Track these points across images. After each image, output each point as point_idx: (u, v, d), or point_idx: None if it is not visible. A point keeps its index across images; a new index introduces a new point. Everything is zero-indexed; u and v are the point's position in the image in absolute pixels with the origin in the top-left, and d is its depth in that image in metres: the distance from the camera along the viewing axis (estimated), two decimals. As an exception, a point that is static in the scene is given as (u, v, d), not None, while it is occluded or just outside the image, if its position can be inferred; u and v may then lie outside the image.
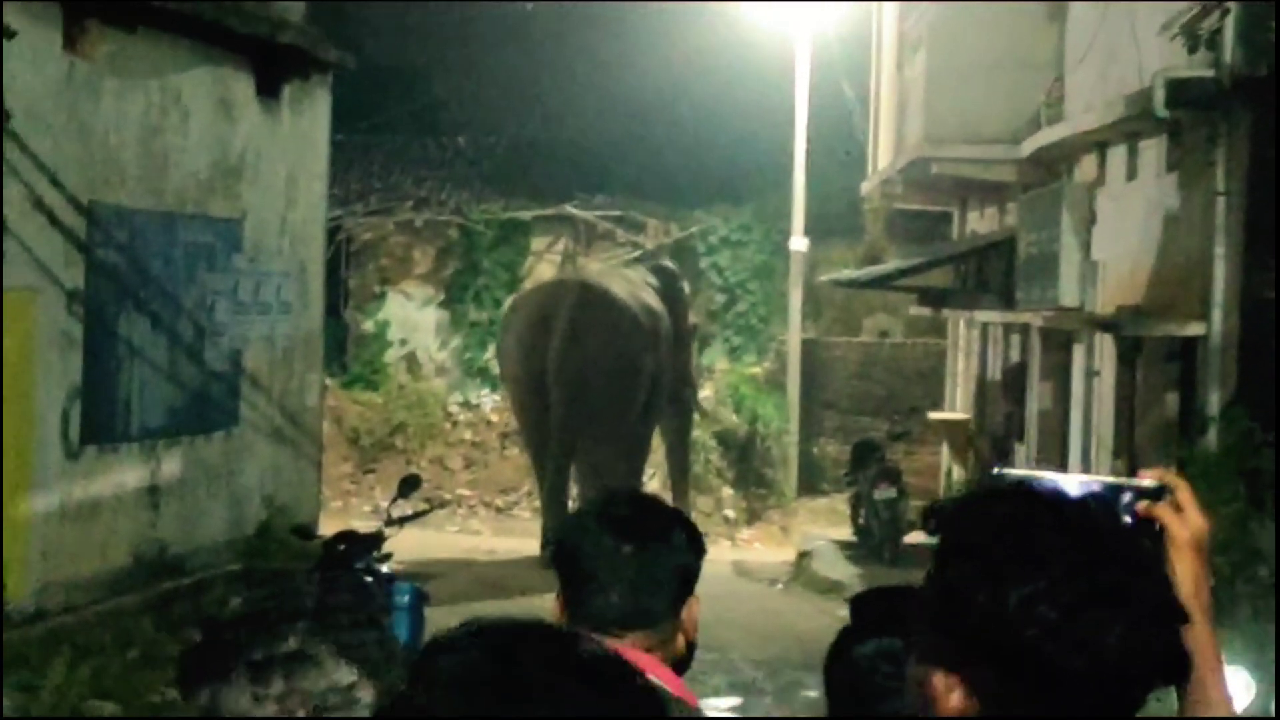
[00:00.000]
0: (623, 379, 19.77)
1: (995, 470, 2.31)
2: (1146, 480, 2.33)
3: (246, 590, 12.61)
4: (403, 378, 27.23)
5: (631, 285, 20.87)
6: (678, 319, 21.29)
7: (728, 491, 24.17)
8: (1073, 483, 2.27)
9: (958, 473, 22.84)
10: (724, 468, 24.23)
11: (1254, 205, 12.02)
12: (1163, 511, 2.28)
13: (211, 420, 15.35)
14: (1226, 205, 12.29)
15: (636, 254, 27.04)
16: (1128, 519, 2.27)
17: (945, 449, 24.16)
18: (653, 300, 20.78)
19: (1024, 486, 2.17)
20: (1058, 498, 2.09)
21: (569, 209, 27.47)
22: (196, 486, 15.01)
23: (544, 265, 27.67)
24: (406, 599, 11.15)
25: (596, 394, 19.61)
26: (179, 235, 14.66)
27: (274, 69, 16.05)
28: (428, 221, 27.52)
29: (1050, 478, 2.27)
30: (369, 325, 27.52)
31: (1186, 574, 2.26)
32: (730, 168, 28.25)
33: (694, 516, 21.12)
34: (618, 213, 27.54)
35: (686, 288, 22.56)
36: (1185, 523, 2.28)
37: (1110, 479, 2.34)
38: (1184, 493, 2.30)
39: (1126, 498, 2.30)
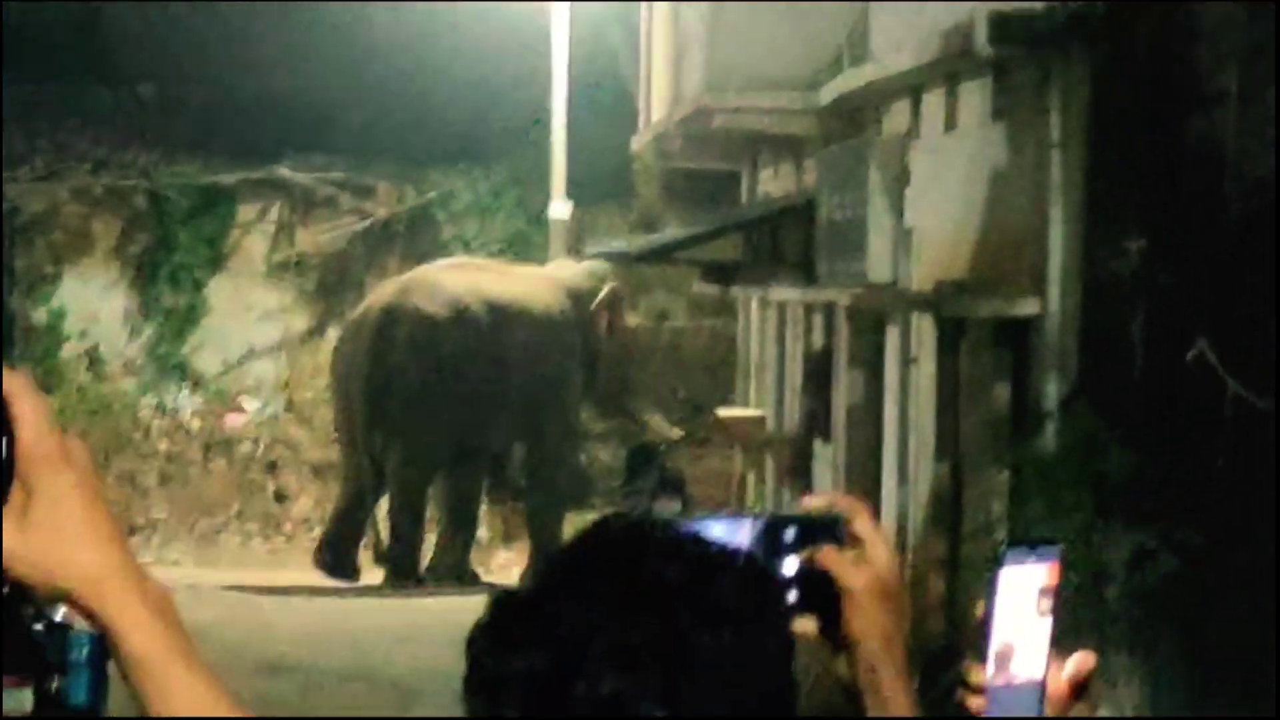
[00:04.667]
0: (429, 385, 20.18)
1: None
2: (813, 510, 2.13)
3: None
4: (83, 377, 26.80)
5: (487, 278, 21.33)
6: (591, 332, 21.91)
7: (480, 508, 24.02)
8: (722, 528, 2.01)
9: (753, 480, 22.90)
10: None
11: (1096, 160, 12.07)
12: (828, 557, 2.07)
13: None
14: (1063, 160, 12.33)
15: (365, 223, 26.81)
16: (792, 567, 2.06)
17: (738, 453, 24.20)
18: (524, 300, 21.22)
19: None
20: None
21: (281, 171, 27.20)
22: None
23: (253, 238, 27.33)
24: (85, 652, 10.79)
25: (394, 404, 20.14)
26: None
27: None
28: (109, 188, 27.07)
29: (699, 523, 2.01)
30: (40, 314, 27.03)
31: (869, 628, 2.08)
32: (477, 122, 28.09)
33: (434, 539, 21.21)
34: (340, 175, 27.32)
35: (613, 300, 22.60)
36: (862, 563, 2.09)
37: (774, 514, 2.10)
38: (862, 522, 2.11)
39: (789, 536, 2.07)
